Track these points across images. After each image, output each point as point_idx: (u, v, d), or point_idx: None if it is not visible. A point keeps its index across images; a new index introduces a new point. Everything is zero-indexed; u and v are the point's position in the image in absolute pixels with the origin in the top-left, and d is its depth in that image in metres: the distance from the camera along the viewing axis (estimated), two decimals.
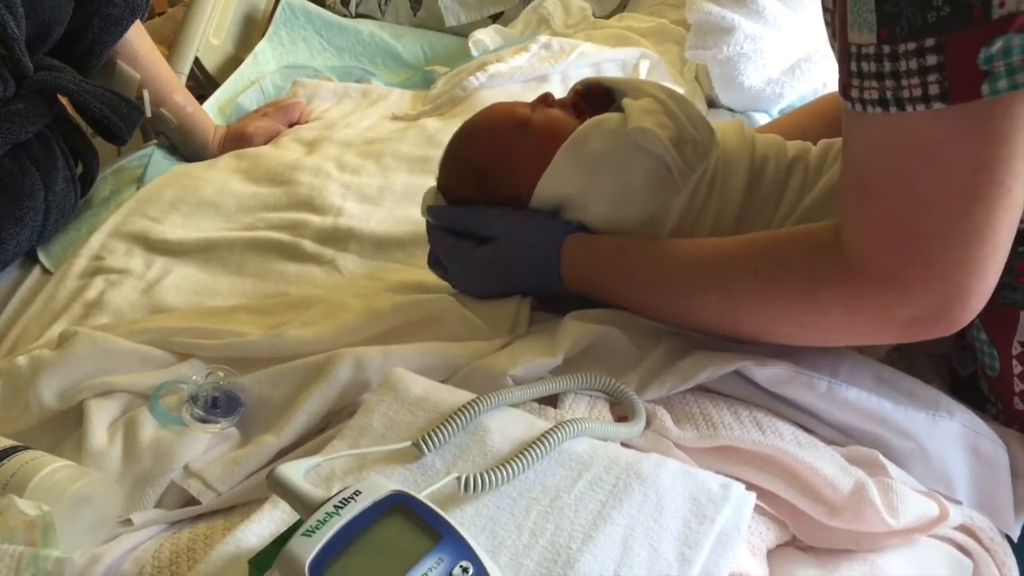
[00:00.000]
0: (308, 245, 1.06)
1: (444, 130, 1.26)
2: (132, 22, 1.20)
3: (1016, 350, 0.73)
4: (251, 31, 1.69)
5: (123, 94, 1.18)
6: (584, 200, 0.82)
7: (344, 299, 0.86)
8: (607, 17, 1.56)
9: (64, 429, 0.77)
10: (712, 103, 1.33)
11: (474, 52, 1.49)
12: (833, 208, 0.81)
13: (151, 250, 1.09)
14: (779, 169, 0.82)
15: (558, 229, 0.81)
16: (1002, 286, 0.68)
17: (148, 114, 1.26)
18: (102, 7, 1.16)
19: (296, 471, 0.56)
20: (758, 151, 0.83)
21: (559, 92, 1.31)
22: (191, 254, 1.08)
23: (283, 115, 1.39)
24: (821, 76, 1.29)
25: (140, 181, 1.25)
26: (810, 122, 0.97)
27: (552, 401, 0.72)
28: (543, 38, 1.40)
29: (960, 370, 0.82)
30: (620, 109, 0.83)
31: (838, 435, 0.72)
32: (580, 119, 0.84)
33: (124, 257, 1.08)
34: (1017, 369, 0.73)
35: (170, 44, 1.61)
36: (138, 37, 1.26)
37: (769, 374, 0.72)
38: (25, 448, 0.69)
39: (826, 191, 0.80)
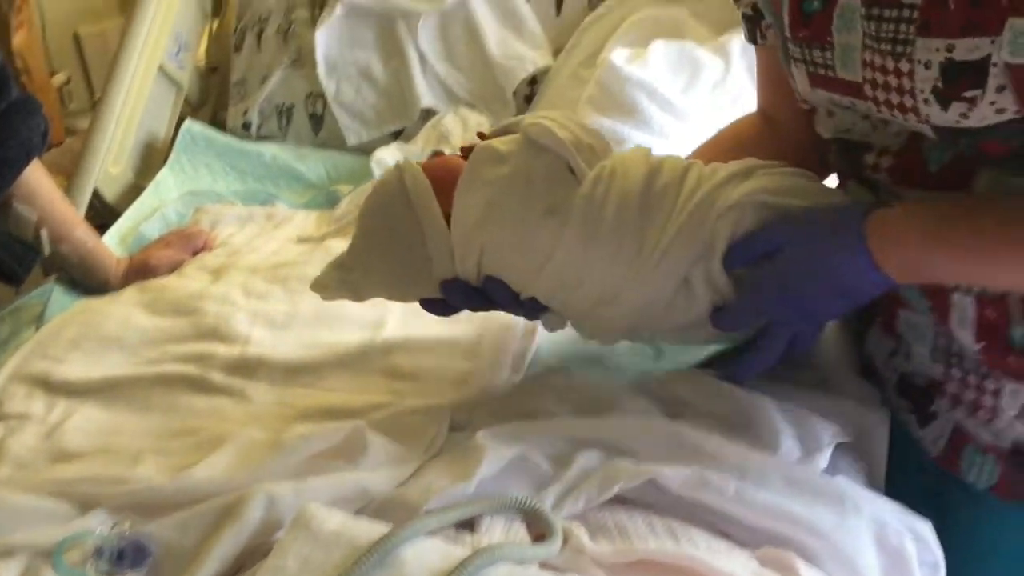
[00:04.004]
0: (216, 376, 1.05)
1: None
2: (27, 164, 1.19)
3: None
4: (151, 158, 1.69)
5: (19, 234, 1.16)
6: (493, 212, 0.81)
7: (253, 434, 0.85)
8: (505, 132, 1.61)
9: None
10: None
11: (376, 171, 1.51)
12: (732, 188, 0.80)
13: (52, 392, 1.06)
14: (675, 167, 0.82)
15: (852, 211, 0.75)
16: None
17: (46, 253, 1.24)
18: None
19: None
20: (649, 154, 0.84)
21: None
22: (94, 393, 1.05)
23: (187, 243, 1.39)
24: None
25: (40, 320, 1.22)
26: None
27: (470, 524, 0.72)
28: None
29: (991, 443, 0.83)
30: None
31: (752, 536, 0.74)
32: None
33: (24, 401, 1.05)
34: None
35: (68, 175, 1.60)
36: (35, 175, 1.25)
37: (680, 480, 0.74)
38: None
39: (727, 176, 0.80)
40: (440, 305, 0.89)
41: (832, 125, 0.84)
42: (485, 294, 0.85)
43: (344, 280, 0.90)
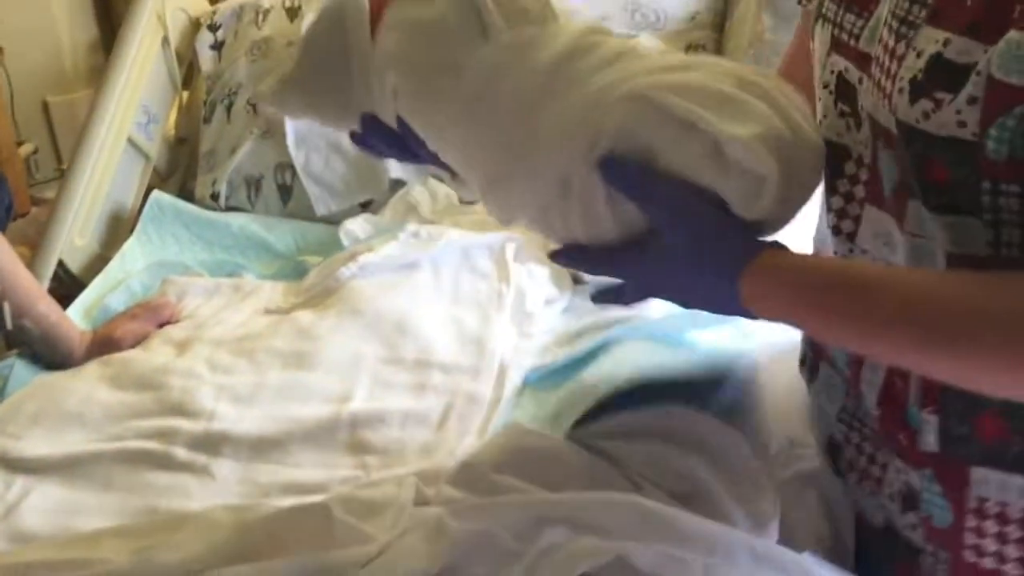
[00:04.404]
0: (180, 453, 1.04)
1: (317, 323, 1.26)
2: None
3: (972, 504, 0.73)
4: (118, 229, 1.69)
5: None
6: (400, 55, 0.77)
7: (215, 514, 0.84)
8: (472, 202, 1.62)
9: None
10: (577, 279, 1.39)
11: (345, 242, 1.52)
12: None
13: (10, 470, 1.04)
14: (610, 50, 0.74)
15: (739, 252, 0.69)
16: (959, 438, 0.71)
17: (9, 326, 1.23)
18: None
19: None
20: (592, 34, 0.75)
21: (431, 280, 1.35)
22: (54, 471, 1.03)
23: (152, 315, 1.37)
24: None
25: (0, 395, 1.20)
26: None
27: None
28: (412, 227, 1.45)
29: (870, 519, 0.83)
30: None
31: None
32: None
33: None
34: (972, 523, 0.74)
35: (33, 245, 1.59)
36: None
37: (648, 558, 0.74)
38: None
39: (656, 67, 0.72)
40: (366, 141, 0.84)
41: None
42: (401, 139, 0.80)
43: (279, 94, 0.86)
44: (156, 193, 1.66)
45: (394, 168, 1.68)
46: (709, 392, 0.97)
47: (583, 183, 0.70)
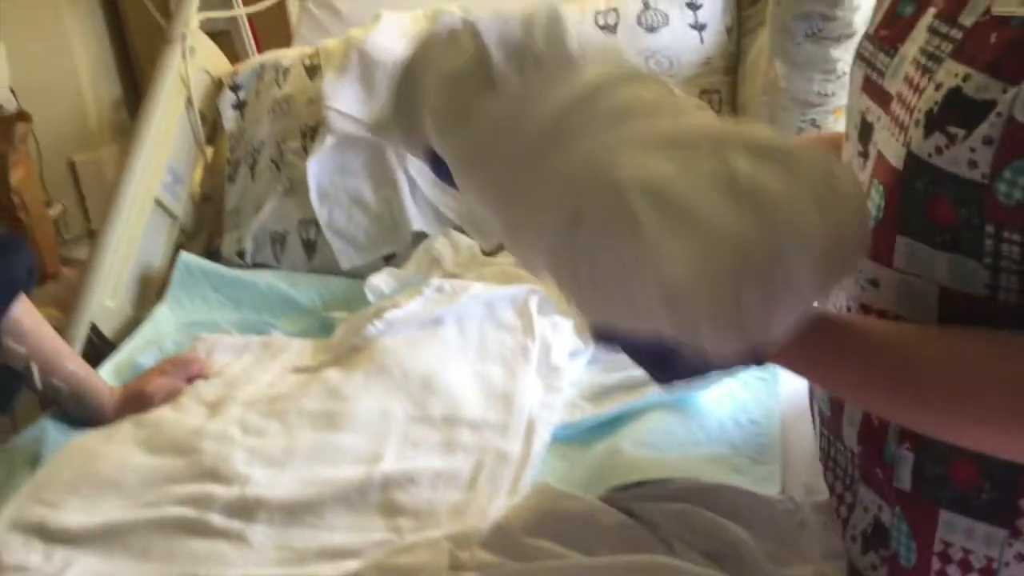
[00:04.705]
0: (215, 519, 1.05)
1: (345, 382, 1.28)
2: (11, 303, 1.20)
3: (937, 548, 0.74)
4: (147, 290, 1.71)
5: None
6: (428, 90, 0.76)
7: None
8: (494, 253, 1.64)
9: None
10: None
11: (370, 297, 1.54)
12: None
13: (50, 540, 1.05)
14: (615, 105, 0.68)
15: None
16: (932, 479, 0.72)
17: (39, 386, 1.25)
18: None
19: None
20: (601, 86, 0.69)
21: (457, 335, 1.36)
22: (93, 541, 1.04)
23: (182, 371, 1.39)
24: None
25: (36, 461, 1.22)
26: None
27: None
28: (436, 282, 1.46)
29: None
30: None
31: None
32: None
33: (21, 551, 1.04)
34: (936, 566, 0.74)
35: (65, 307, 1.61)
36: (22, 311, 1.25)
37: None
38: None
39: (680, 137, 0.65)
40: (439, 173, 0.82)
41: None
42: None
43: (379, 126, 0.90)
44: (184, 255, 1.69)
45: (416, 221, 1.71)
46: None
47: (567, 253, 0.66)
